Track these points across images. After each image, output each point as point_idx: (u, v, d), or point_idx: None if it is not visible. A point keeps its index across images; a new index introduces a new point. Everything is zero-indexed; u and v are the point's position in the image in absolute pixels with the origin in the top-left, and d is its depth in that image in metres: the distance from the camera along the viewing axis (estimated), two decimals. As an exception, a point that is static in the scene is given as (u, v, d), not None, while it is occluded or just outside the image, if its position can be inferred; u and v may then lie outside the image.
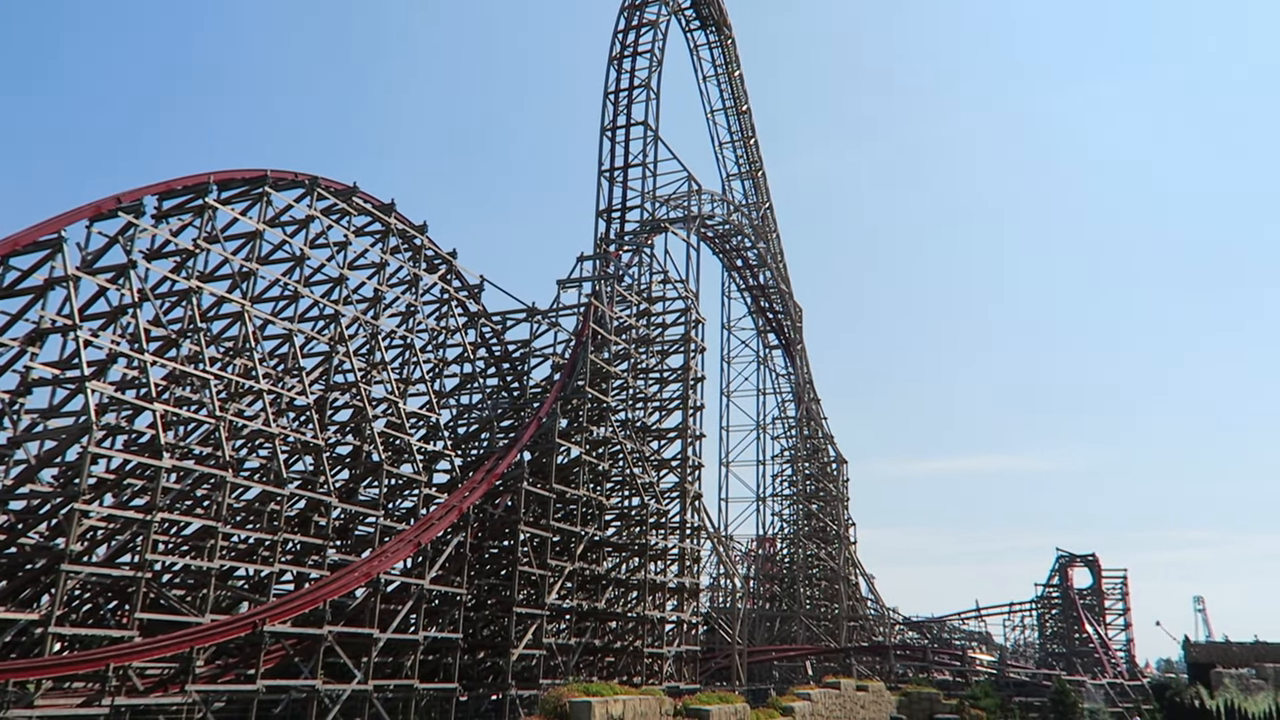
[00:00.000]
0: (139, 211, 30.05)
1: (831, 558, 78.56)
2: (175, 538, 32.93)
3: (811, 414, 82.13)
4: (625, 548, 47.46)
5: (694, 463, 51.60)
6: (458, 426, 46.87)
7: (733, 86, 76.31)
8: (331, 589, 29.25)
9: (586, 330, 45.69)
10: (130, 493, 31.19)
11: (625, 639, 45.81)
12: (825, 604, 79.76)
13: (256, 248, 33.58)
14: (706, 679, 55.50)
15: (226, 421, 30.15)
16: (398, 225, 40.52)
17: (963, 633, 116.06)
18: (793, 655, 70.98)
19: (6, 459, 28.20)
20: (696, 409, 52.36)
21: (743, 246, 75.40)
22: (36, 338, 27.95)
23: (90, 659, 23.19)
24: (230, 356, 33.94)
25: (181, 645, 24.91)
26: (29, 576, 27.02)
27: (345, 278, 37.28)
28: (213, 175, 32.56)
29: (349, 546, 36.91)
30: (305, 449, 34.55)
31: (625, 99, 63.26)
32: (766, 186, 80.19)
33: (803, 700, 36.76)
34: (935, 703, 52.56)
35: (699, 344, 53.49)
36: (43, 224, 27.73)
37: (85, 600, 31.60)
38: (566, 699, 20.04)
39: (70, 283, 26.88)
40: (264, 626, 26.71)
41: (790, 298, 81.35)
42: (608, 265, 52.22)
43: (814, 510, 79.56)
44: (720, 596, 78.59)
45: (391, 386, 38.36)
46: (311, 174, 36.36)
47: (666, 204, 60.95)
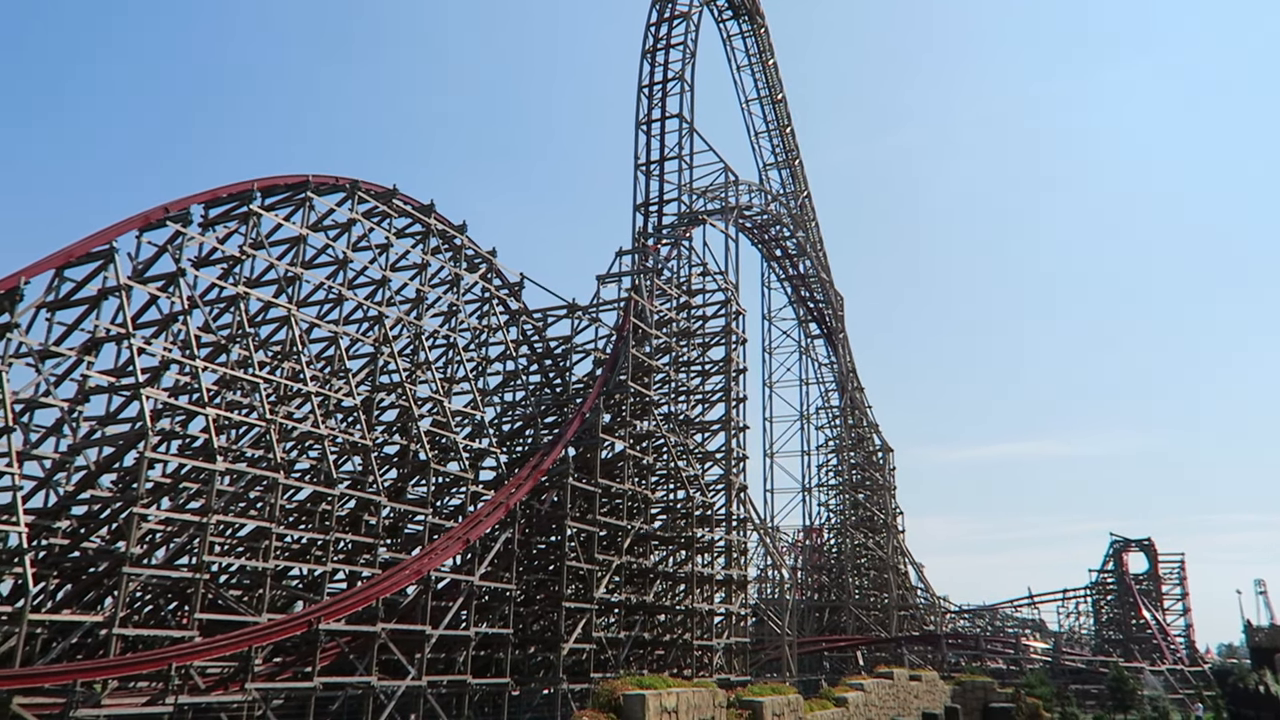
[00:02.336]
0: (186, 220, 30.68)
1: (879, 547, 77.92)
2: (231, 539, 33.58)
3: (855, 403, 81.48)
4: (672, 541, 47.48)
5: (738, 454, 51.45)
6: (502, 423, 47.22)
7: (767, 75, 75.80)
8: (383, 587, 29.63)
9: (627, 325, 45.73)
10: (186, 496, 31.88)
11: (674, 632, 45.85)
12: (874, 594, 79.19)
13: (301, 252, 34.09)
14: (757, 671, 55.42)
15: (276, 424, 30.65)
16: (438, 226, 40.86)
17: (1015, 621, 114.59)
18: (843, 646, 70.63)
19: (68, 465, 28.95)
20: (739, 401, 52.20)
21: (781, 236, 74.95)
22: (92, 346, 28.67)
23: (153, 659, 23.71)
24: (278, 360, 34.50)
25: (240, 644, 25.38)
26: (92, 579, 27.74)
27: (388, 279, 37.70)
28: (256, 182, 33.09)
29: (399, 545, 37.37)
30: (354, 449, 35.02)
31: (659, 92, 63.18)
32: (804, 175, 79.66)
33: (856, 690, 36.55)
34: (990, 691, 51.87)
35: (740, 335, 53.31)
36: (94, 235, 28.38)
37: (146, 601, 32.39)
38: (620, 692, 20.09)
39: (123, 292, 27.51)
40: (319, 625, 27.13)
41: (831, 286, 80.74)
42: (646, 259, 52.21)
43: (860, 499, 78.98)
44: (768, 588, 78.30)
45: (436, 385, 38.74)
46: (352, 178, 36.81)
47: (704, 196, 60.79)
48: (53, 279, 28.16)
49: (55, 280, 28.26)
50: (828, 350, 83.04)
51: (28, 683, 20.95)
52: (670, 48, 64.07)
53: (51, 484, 28.65)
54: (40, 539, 27.78)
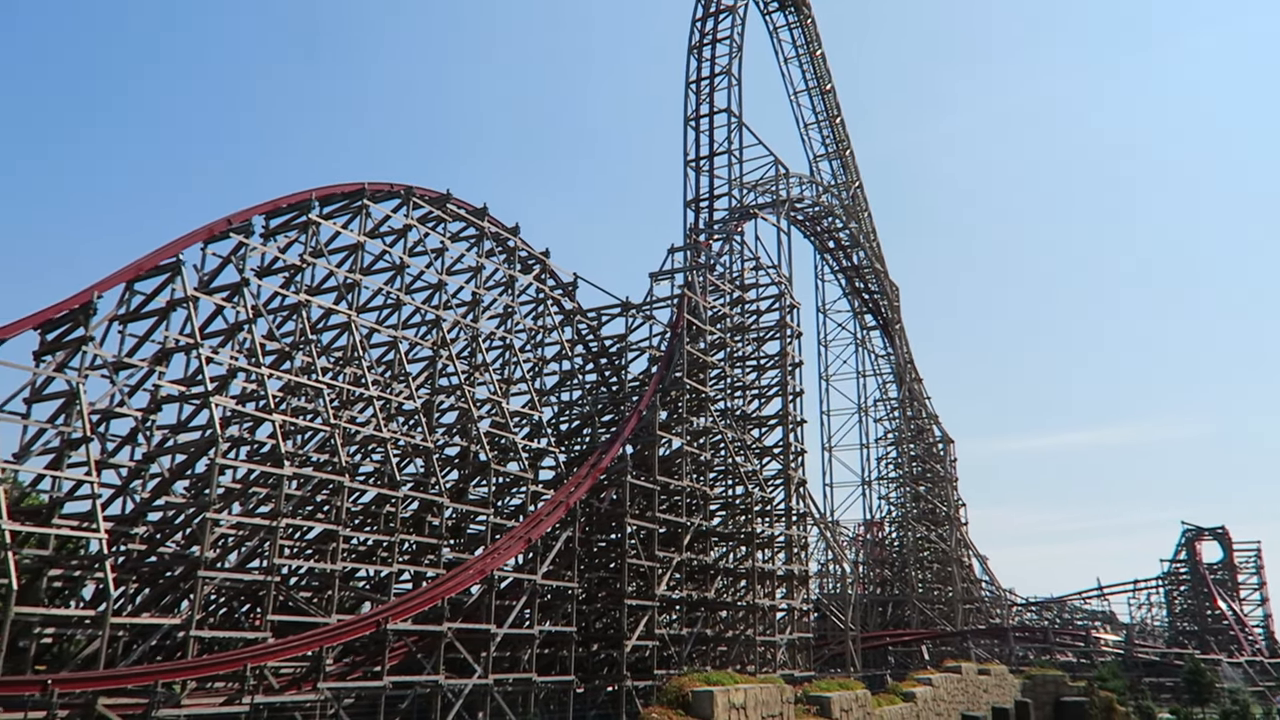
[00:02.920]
0: (249, 231, 31.42)
1: (942, 539, 76.86)
2: (299, 542, 34.32)
3: (914, 394, 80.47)
4: (731, 537, 47.35)
5: (796, 449, 51.12)
6: (560, 423, 47.52)
7: (815, 66, 75.17)
8: (448, 587, 30.01)
9: (681, 321, 45.70)
10: (256, 501, 32.66)
11: (736, 628, 45.74)
12: (938, 587, 78.14)
13: (359, 259, 34.66)
14: (820, 666, 55.04)
15: (340, 428, 31.22)
16: (491, 228, 41.24)
17: (1084, 613, 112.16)
18: (907, 640, 69.81)
19: (143, 473, 29.82)
20: (796, 395, 51.86)
21: (834, 227, 74.29)
22: (163, 357, 29.51)
23: (229, 660, 24.31)
24: (340, 365, 35.12)
25: (312, 645, 25.91)
26: (169, 583, 28.52)
27: (444, 283, 38.17)
28: (314, 192, 33.73)
29: (462, 545, 37.82)
30: (416, 452, 35.53)
31: (707, 87, 63.03)
32: (855, 165, 78.83)
33: (924, 685, 36.14)
34: (1061, 685, 50.86)
35: (795, 329, 52.95)
36: (161, 249, 29.21)
37: (221, 604, 33.24)
38: (688, 688, 20.10)
39: (190, 303, 28.25)
40: (387, 625, 27.57)
41: (886, 276, 79.81)
42: (699, 255, 52.13)
43: (921, 492, 77.97)
44: (830, 583, 77.76)
45: (494, 387, 39.12)
46: (406, 184, 37.31)
47: (754, 190, 60.48)
48: (123, 292, 29.06)
49: (126, 294, 29.15)
50: (884, 341, 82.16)
51: (112, 684, 21.62)
52: (716, 42, 63.89)
53: (128, 491, 29.57)
54: (119, 545, 28.65)
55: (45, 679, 20.25)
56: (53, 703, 19.71)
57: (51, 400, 27.06)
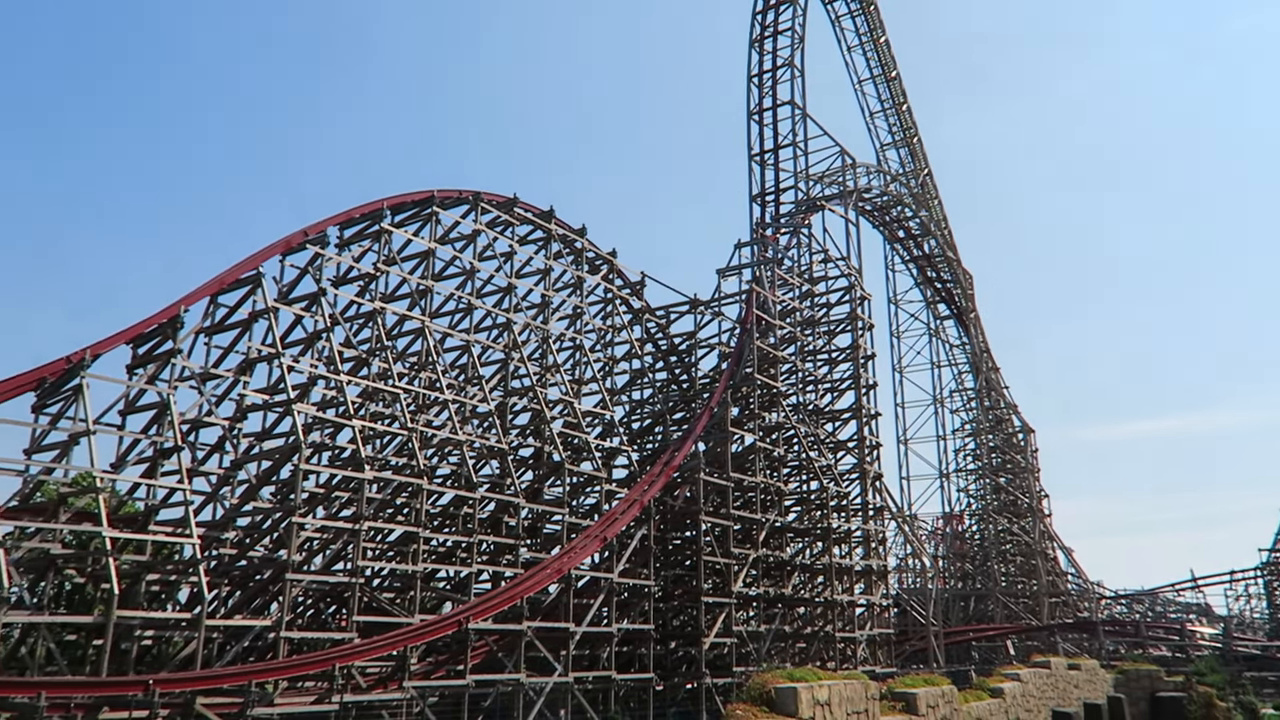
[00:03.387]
0: (324, 242, 32.24)
1: (1025, 532, 74.97)
2: (381, 544, 35.04)
3: (991, 383, 78.67)
4: (807, 532, 46.93)
5: (871, 442, 50.43)
6: (631, 422, 47.68)
7: (879, 53, 74.00)
8: (527, 586, 30.34)
9: (750, 317, 45.46)
10: (338, 504, 33.46)
11: (815, 624, 45.31)
12: (1022, 580, 76.23)
13: (430, 265, 35.29)
14: (901, 662, 54.17)
15: (417, 432, 31.83)
16: (558, 230, 41.58)
17: (1178, 605, 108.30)
18: (991, 635, 68.22)
19: (231, 480, 30.81)
20: (869, 387, 51.15)
21: (904, 216, 73.03)
22: (247, 367, 30.44)
23: (318, 660, 24.95)
24: (415, 370, 35.80)
25: (396, 644, 26.46)
26: (259, 586, 29.43)
27: (513, 286, 38.62)
28: (386, 201, 34.44)
29: (538, 544, 38.20)
30: (491, 453, 36.01)
31: (769, 80, 62.59)
32: (924, 152, 77.43)
33: (1011, 680, 35.34)
34: (1156, 680, 49.15)
35: (866, 321, 52.23)
36: (242, 262, 30.16)
37: (308, 605, 34.16)
38: (771, 685, 19.96)
39: (271, 314, 29.12)
40: (468, 624, 28.00)
41: (958, 264, 78.16)
42: (766, 250, 51.76)
43: (1002, 483, 76.17)
44: (909, 577, 76.48)
45: (565, 388, 39.44)
46: (474, 190, 37.84)
47: (821, 181, 59.85)
48: (208, 306, 30.06)
49: (210, 307, 30.16)
50: (958, 331, 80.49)
51: (209, 684, 22.39)
52: (778, 34, 63.39)
53: (218, 498, 30.57)
54: (211, 549, 29.62)
55: (147, 679, 21.06)
56: (154, 702, 20.50)
57: (144, 411, 28.15)
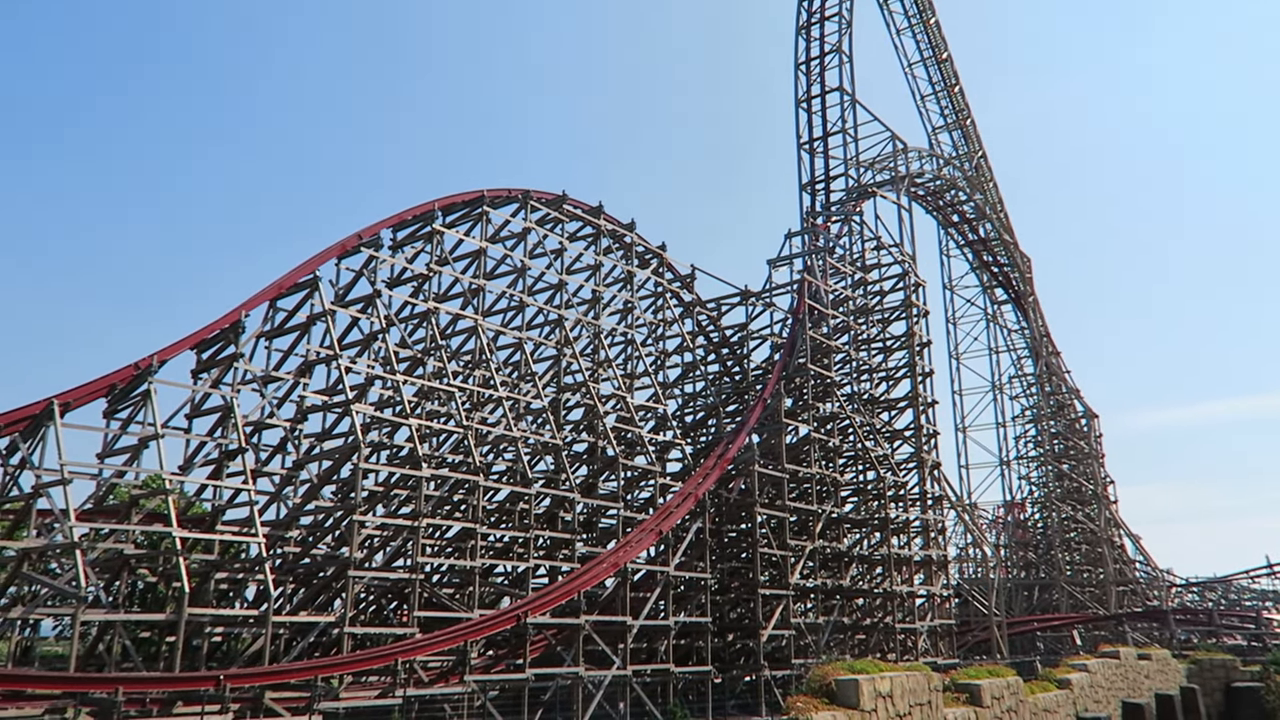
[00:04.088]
0: (378, 245, 32.79)
1: (1090, 519, 73.37)
2: (440, 540, 35.56)
3: (1052, 368, 77.07)
4: (865, 523, 46.50)
5: (928, 431, 49.76)
6: (684, 415, 47.66)
7: (929, 35, 72.80)
8: (584, 580, 30.56)
9: (802, 307, 45.13)
10: (397, 502, 34.05)
11: (874, 616, 44.92)
12: (1088, 569, 74.66)
13: (482, 264, 35.65)
14: (964, 653, 53.44)
15: (473, 429, 32.22)
16: (607, 226, 41.67)
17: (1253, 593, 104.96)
18: (1057, 625, 66.92)
19: (294, 480, 31.51)
20: (925, 375, 50.46)
21: (958, 201, 71.82)
22: (306, 369, 31.10)
23: (381, 655, 25.45)
24: (470, 369, 36.22)
25: (456, 639, 26.87)
26: (322, 583, 30.09)
27: (564, 282, 38.83)
28: (437, 202, 34.86)
29: (594, 539, 38.42)
30: (545, 449, 36.30)
31: (817, 67, 61.94)
32: (977, 134, 76.05)
33: (1079, 671, 34.71)
34: (1232, 670, 47.84)
35: (921, 308, 51.50)
36: (299, 267, 30.78)
37: (370, 601, 34.82)
38: (832, 677, 19.86)
39: (328, 316, 29.70)
40: (527, 619, 28.30)
41: (1015, 248, 76.66)
42: (817, 239, 51.30)
43: (1065, 470, 74.61)
44: (971, 567, 75.35)
45: (618, 382, 39.57)
46: (524, 188, 38.10)
47: (871, 168, 59.10)
48: (268, 310, 30.77)
49: (270, 311, 30.86)
50: (1017, 315, 78.99)
51: (277, 679, 22.97)
52: (825, 20, 62.66)
53: (281, 498, 31.28)
54: (276, 548, 30.36)
55: (218, 675, 21.70)
56: (225, 696, 21.10)
57: (210, 414, 28.93)
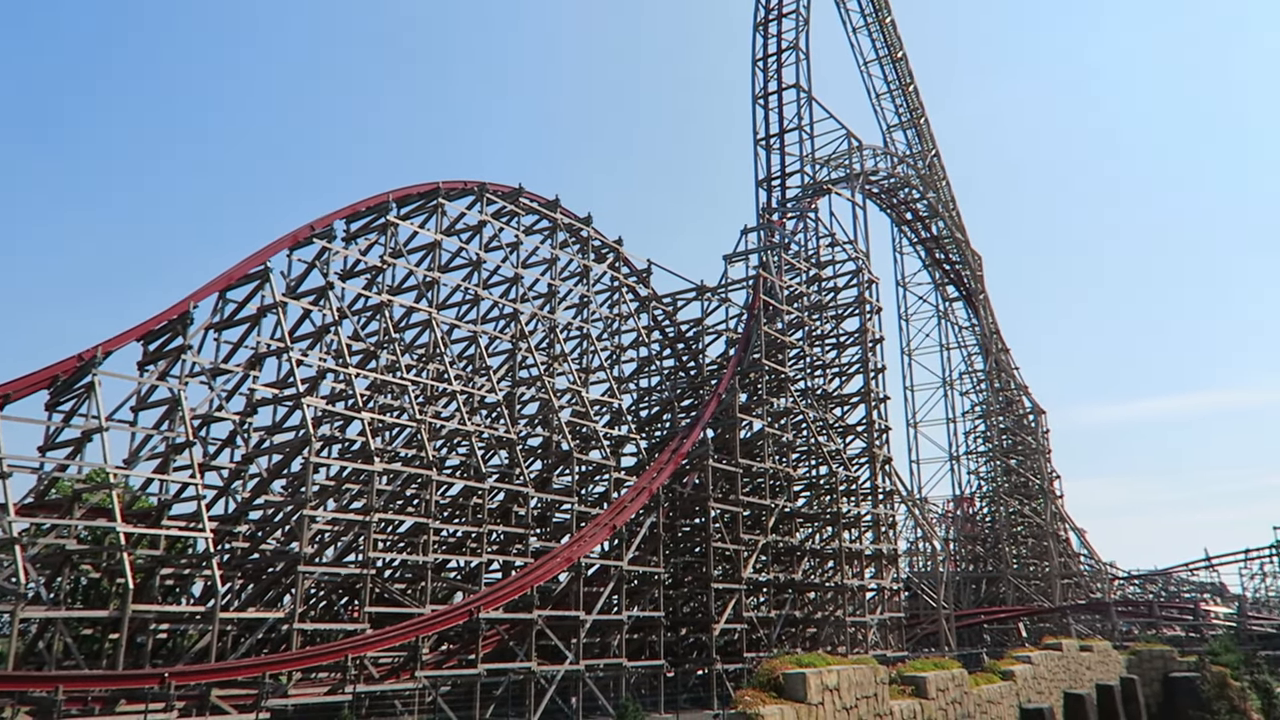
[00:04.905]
0: (331, 236, 32.39)
1: (1037, 514, 74.89)
2: (392, 535, 35.29)
3: (1001, 365, 78.44)
4: (817, 517, 47.02)
5: (880, 426, 50.41)
6: (640, 409, 47.76)
7: (885, 34, 73.55)
8: (537, 575, 30.54)
9: (757, 303, 45.43)
10: (349, 497, 33.71)
11: (825, 609, 45.46)
12: (1034, 562, 76.23)
13: (437, 257, 35.36)
14: (913, 646, 54.35)
15: (426, 423, 31.99)
16: (564, 220, 41.58)
17: (1192, 585, 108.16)
18: (1003, 617, 68.30)
19: (243, 474, 31.08)
20: (877, 371, 51.10)
21: (911, 199, 72.74)
22: (256, 362, 30.65)
23: (331, 651, 25.20)
24: (423, 362, 35.94)
25: (408, 635, 26.71)
26: (272, 579, 29.68)
27: (520, 276, 38.67)
28: (391, 194, 34.52)
29: (548, 534, 38.41)
30: (499, 443, 36.18)
31: (774, 64, 62.23)
32: (931, 133, 77.00)
33: (1023, 663, 35.42)
34: (1170, 660, 49.19)
35: (874, 304, 52.11)
36: (250, 258, 30.30)
37: (320, 597, 34.44)
38: (780, 670, 20.08)
39: (279, 309, 29.27)
40: (479, 614, 28.21)
41: (967, 245, 77.83)
42: (773, 235, 51.65)
43: (1013, 465, 76.06)
44: (920, 561, 76.58)
45: (573, 376, 39.53)
46: (480, 180, 37.86)
47: (827, 165, 59.62)
48: (217, 301, 30.26)
49: (219, 302, 30.35)
50: (968, 313, 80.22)
51: (224, 676, 22.67)
52: (782, 17, 62.96)
53: (230, 492, 30.85)
54: (224, 543, 29.94)
55: (163, 672, 21.36)
56: (170, 694, 20.78)
57: (156, 407, 28.37)
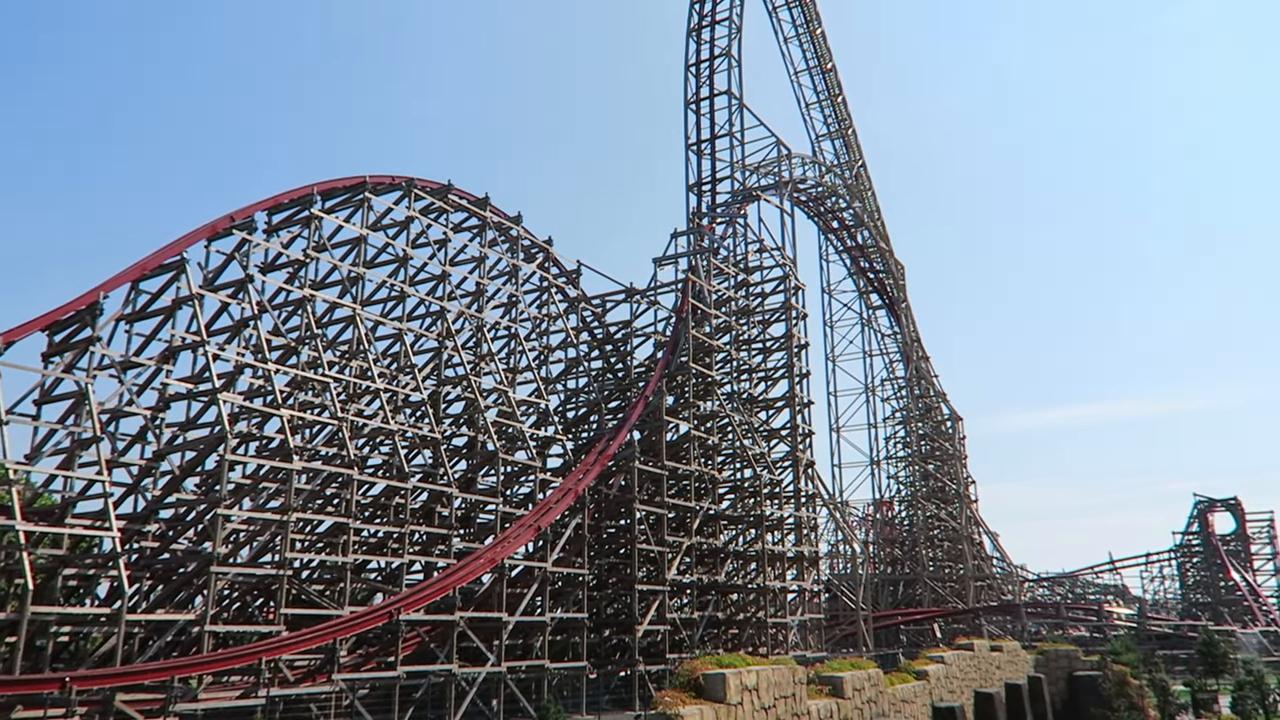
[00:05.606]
0: (251, 228, 31.54)
1: (953, 518, 76.90)
2: (310, 535, 34.49)
3: (921, 372, 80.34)
4: (741, 520, 47.47)
5: (804, 430, 51.16)
6: (566, 411, 47.63)
7: (815, 45, 74.75)
8: (459, 576, 30.19)
9: (686, 306, 45.69)
10: (266, 496, 32.83)
11: (748, 610, 45.93)
12: (949, 565, 78.26)
13: (362, 252, 34.73)
14: (832, 646, 55.30)
15: (348, 422, 31.37)
16: (493, 218, 41.23)
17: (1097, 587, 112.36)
18: (919, 618, 69.99)
19: (153, 471, 30.02)
20: (802, 376, 51.85)
21: (838, 207, 74.05)
22: (170, 355, 29.67)
23: (244, 654, 24.52)
24: (346, 359, 35.25)
25: (325, 637, 26.13)
26: (183, 579, 28.75)
27: (448, 274, 38.21)
28: (316, 186, 33.80)
29: (472, 535, 38.00)
30: (423, 443, 35.66)
31: (707, 70, 62.77)
32: (858, 144, 78.53)
33: (936, 663, 36.28)
34: (1074, 660, 51.00)
35: (800, 310, 52.88)
36: (165, 248, 29.32)
37: (234, 599, 33.49)
38: (700, 671, 20.23)
39: (195, 301, 28.38)
40: (399, 615, 27.77)
41: (891, 255, 79.55)
42: (702, 239, 52.02)
43: (931, 470, 77.97)
44: (840, 563, 77.94)
45: (500, 376, 39.22)
46: (408, 176, 37.30)
47: (757, 172, 60.30)
48: (129, 292, 29.21)
49: (131, 293, 29.31)
50: (890, 321, 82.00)
51: (129, 680, 21.87)
52: (715, 24, 63.57)
53: (139, 489, 29.78)
54: (132, 543, 28.86)
55: (63, 677, 20.50)
56: (72, 700, 19.97)
57: (61, 401, 27.27)
